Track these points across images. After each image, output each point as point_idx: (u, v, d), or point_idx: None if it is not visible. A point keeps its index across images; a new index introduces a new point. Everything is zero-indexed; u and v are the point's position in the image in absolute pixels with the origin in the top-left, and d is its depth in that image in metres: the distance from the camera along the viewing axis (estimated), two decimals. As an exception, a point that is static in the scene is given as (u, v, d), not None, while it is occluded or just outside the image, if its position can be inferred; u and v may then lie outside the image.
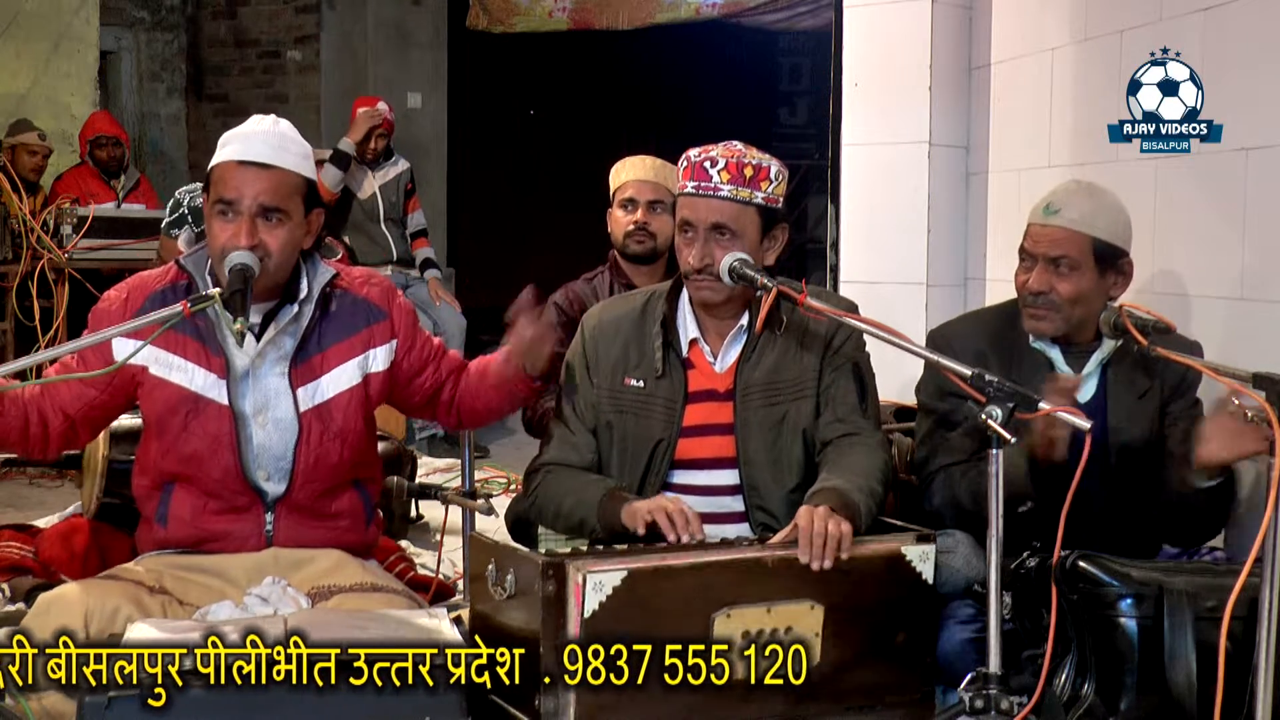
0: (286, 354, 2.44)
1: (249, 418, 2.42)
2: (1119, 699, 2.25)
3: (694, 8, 6.50)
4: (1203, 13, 3.10)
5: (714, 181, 2.47)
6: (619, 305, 2.68)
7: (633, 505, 2.39)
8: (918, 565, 2.30)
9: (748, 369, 2.53)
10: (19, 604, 2.94)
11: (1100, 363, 2.63)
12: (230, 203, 2.36)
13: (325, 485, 2.49)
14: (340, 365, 2.48)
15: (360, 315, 2.51)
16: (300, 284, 2.46)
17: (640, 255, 3.50)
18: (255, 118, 2.46)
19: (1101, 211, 2.58)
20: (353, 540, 2.53)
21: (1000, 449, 2.07)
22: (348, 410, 2.48)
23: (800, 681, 2.18)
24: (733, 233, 2.47)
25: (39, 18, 6.98)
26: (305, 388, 2.45)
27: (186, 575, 2.40)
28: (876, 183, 4.30)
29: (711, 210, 2.47)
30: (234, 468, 2.41)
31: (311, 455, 2.45)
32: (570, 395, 2.62)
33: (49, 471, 4.68)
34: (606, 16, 6.75)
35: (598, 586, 2.05)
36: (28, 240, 5.44)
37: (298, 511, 2.47)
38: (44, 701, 2.05)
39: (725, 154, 2.48)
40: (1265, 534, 2.03)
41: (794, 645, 2.17)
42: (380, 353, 2.52)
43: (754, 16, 6.50)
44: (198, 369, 2.41)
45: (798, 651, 2.17)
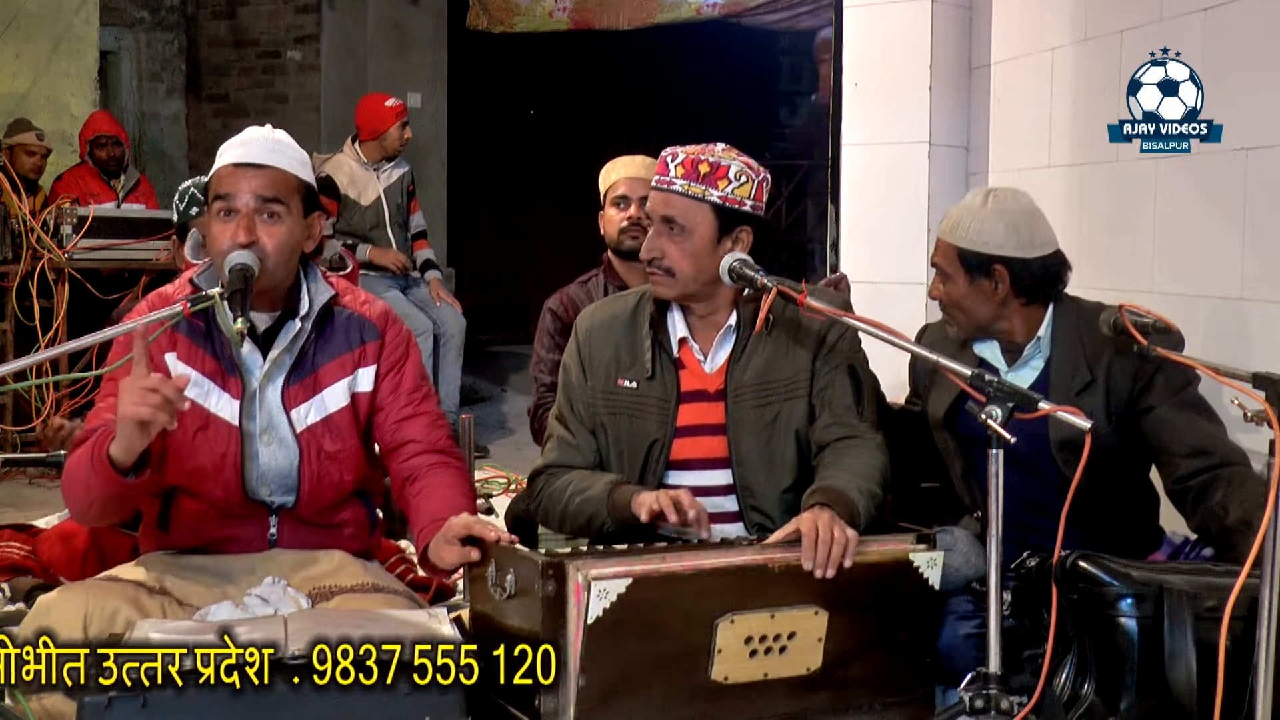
0: (284, 372, 2.44)
1: (255, 437, 2.42)
2: (1119, 699, 2.25)
3: (694, 8, 6.50)
4: (1203, 13, 3.10)
5: (670, 175, 2.50)
6: (610, 306, 2.68)
7: (641, 495, 2.38)
8: (925, 571, 2.30)
9: (738, 369, 2.53)
10: (19, 604, 2.95)
11: (1043, 358, 2.65)
12: (227, 198, 2.36)
13: (329, 502, 2.49)
14: (332, 385, 2.46)
15: (355, 333, 2.49)
16: (302, 298, 2.45)
17: (634, 250, 3.51)
18: (251, 128, 2.47)
19: (973, 222, 2.64)
20: (356, 546, 2.53)
21: (1000, 449, 2.07)
22: (341, 431, 2.46)
23: (801, 683, 2.19)
24: (681, 228, 2.48)
25: (39, 18, 6.98)
26: (299, 408, 2.43)
27: (187, 575, 2.39)
28: (876, 183, 4.30)
29: (663, 203, 2.50)
30: (235, 486, 2.41)
31: (314, 474, 2.44)
32: (568, 396, 2.61)
33: (49, 471, 4.67)
34: (606, 16, 6.76)
35: (602, 593, 2.04)
36: (28, 240, 5.44)
37: (302, 522, 2.47)
38: (44, 701, 2.05)
39: (691, 151, 2.51)
40: (1265, 534, 2.03)
41: (796, 649, 2.17)
42: (366, 374, 2.48)
43: (754, 16, 6.51)
44: (213, 386, 2.40)
45: (799, 655, 2.17)
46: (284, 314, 2.44)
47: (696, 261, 2.49)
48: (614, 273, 3.57)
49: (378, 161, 6.18)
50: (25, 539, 3.22)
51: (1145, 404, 2.62)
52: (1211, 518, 2.51)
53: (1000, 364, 2.68)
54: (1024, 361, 2.66)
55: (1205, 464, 2.56)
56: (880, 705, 2.28)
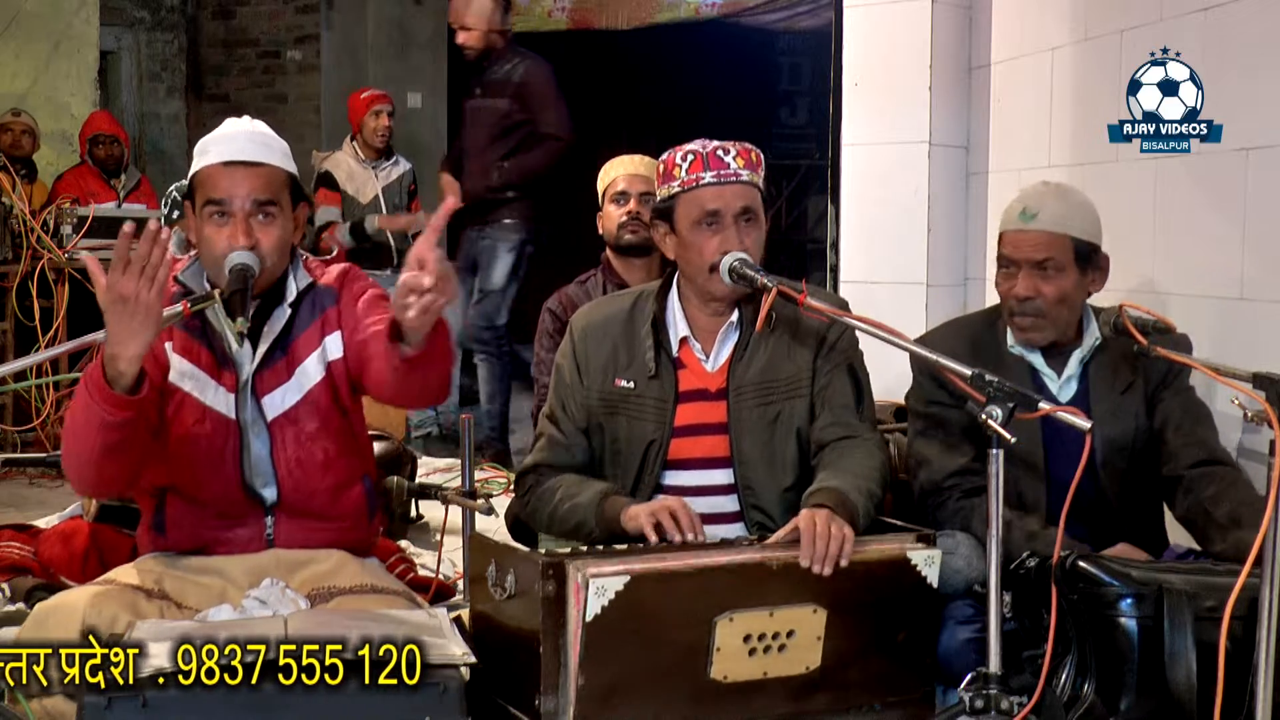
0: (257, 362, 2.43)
1: (249, 428, 2.42)
2: (1119, 699, 2.25)
3: (694, 8, 6.51)
4: (1203, 13, 3.10)
5: (732, 168, 2.49)
6: (607, 306, 2.67)
7: (632, 509, 2.38)
8: (923, 569, 2.30)
9: (740, 368, 2.53)
10: (19, 604, 2.94)
11: (1081, 361, 2.66)
12: (222, 203, 2.35)
13: (319, 485, 2.45)
14: (303, 363, 2.43)
15: (318, 304, 2.46)
16: (289, 286, 2.44)
17: (634, 245, 3.53)
18: (230, 120, 2.46)
19: (1076, 211, 2.63)
20: (355, 538, 2.51)
21: (1000, 449, 2.07)
22: (319, 406, 2.43)
23: (800, 682, 2.19)
24: (755, 216, 2.50)
25: (39, 18, 6.98)
26: (272, 395, 2.42)
27: (186, 577, 2.38)
28: (876, 183, 4.30)
29: (738, 195, 2.49)
30: (235, 479, 2.41)
31: (290, 461, 2.42)
32: (560, 395, 2.61)
33: (49, 471, 4.67)
34: (606, 16, 6.76)
35: (600, 591, 2.04)
36: (28, 240, 5.44)
37: (297, 515, 2.45)
38: (45, 702, 2.05)
39: (728, 144, 2.51)
40: (1265, 534, 2.03)
41: (795, 648, 2.17)
42: (333, 340, 2.44)
43: (754, 16, 6.51)
44: (209, 380, 2.40)
45: (798, 654, 2.17)
46: (267, 302, 2.42)
47: (761, 249, 2.52)
48: (613, 272, 3.58)
49: (375, 159, 6.18)
50: (25, 539, 3.22)
51: (1160, 397, 2.64)
52: (1199, 510, 2.55)
53: (1049, 372, 2.66)
54: (1067, 368, 2.65)
55: (1201, 458, 2.59)
56: (880, 705, 2.28)
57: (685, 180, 2.50)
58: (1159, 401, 2.66)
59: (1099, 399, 2.62)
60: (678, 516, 2.32)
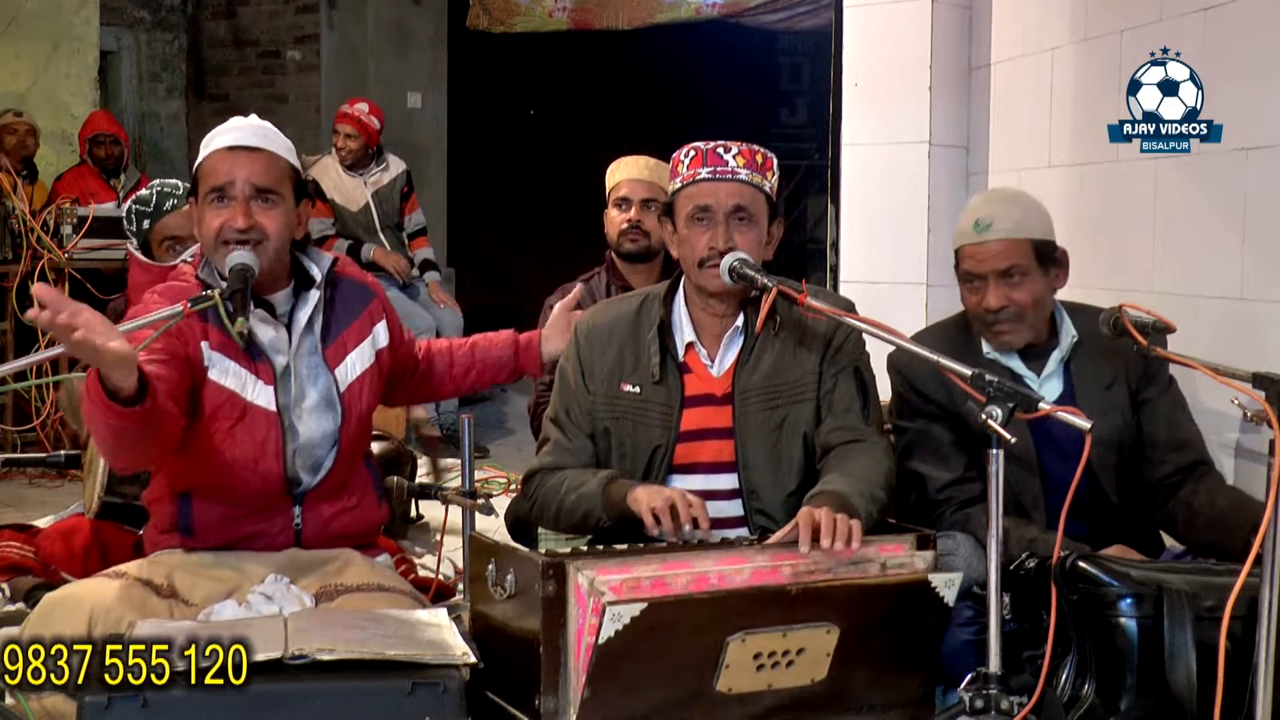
0: (316, 338, 2.47)
1: (290, 412, 2.43)
2: (1119, 699, 2.25)
3: (694, 8, 6.50)
4: (1203, 13, 3.10)
5: (730, 165, 2.47)
6: (612, 309, 2.65)
7: (636, 493, 2.37)
8: (941, 591, 2.24)
9: (745, 372, 2.52)
10: (19, 604, 2.94)
11: (1061, 361, 2.67)
12: (223, 188, 2.36)
13: (349, 466, 2.52)
14: (358, 345, 2.53)
15: (358, 295, 2.57)
16: (311, 271, 2.49)
17: (634, 254, 3.51)
18: (236, 118, 2.48)
19: (1028, 213, 2.64)
20: (371, 521, 2.58)
21: (1000, 449, 2.07)
22: (366, 389, 2.53)
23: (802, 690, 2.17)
24: (750, 216, 2.47)
25: (39, 18, 6.98)
26: (340, 368, 2.49)
27: (201, 571, 2.38)
28: (876, 183, 4.30)
29: (731, 193, 2.47)
30: (275, 472, 2.41)
31: (351, 436, 2.49)
32: (564, 400, 2.60)
33: (49, 471, 4.67)
34: (606, 16, 6.75)
35: (616, 617, 1.98)
36: (28, 240, 5.43)
37: (323, 501, 2.48)
38: (44, 701, 2.05)
39: (733, 143, 2.50)
40: (1265, 534, 2.03)
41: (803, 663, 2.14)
42: (381, 329, 2.58)
43: (754, 16, 6.50)
44: (249, 376, 2.40)
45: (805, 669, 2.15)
46: (297, 286, 2.48)
47: (759, 251, 2.50)
48: (617, 272, 3.57)
49: (364, 167, 6.10)
50: (25, 539, 3.22)
51: (1145, 395, 2.65)
52: (1182, 507, 2.58)
53: (1028, 374, 2.66)
54: (1047, 367, 2.66)
55: (1186, 459, 2.60)
56: (880, 706, 2.27)
57: (685, 176, 2.51)
58: (1145, 401, 2.66)
59: (1084, 396, 2.62)
60: (678, 509, 2.31)
